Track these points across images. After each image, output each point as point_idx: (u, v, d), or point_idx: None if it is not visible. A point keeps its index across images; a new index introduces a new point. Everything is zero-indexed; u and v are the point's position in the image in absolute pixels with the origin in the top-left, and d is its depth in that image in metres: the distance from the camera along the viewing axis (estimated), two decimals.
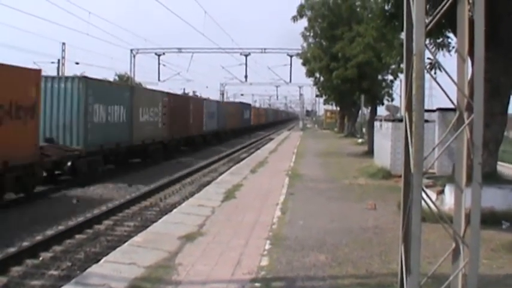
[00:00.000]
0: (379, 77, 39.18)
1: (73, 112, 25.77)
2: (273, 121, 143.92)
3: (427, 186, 13.83)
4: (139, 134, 33.90)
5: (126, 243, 11.94)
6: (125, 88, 36.22)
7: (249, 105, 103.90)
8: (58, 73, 70.22)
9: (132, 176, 28.42)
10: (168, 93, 43.48)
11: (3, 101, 18.80)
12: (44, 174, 23.65)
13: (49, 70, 47.70)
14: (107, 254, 11.48)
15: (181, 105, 45.26)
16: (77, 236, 15.48)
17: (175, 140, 42.99)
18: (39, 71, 23.41)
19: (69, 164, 25.22)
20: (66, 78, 27.20)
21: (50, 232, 15.59)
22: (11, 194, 20.26)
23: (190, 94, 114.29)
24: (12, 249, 13.51)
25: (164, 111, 39.68)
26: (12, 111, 19.35)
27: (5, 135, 18.75)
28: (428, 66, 13.20)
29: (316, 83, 55.36)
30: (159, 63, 73.22)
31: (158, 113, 38.40)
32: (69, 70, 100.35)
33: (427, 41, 12.81)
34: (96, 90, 27.55)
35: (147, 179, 27.20)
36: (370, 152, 33.90)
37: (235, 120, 75.05)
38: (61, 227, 16.19)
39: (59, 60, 71.45)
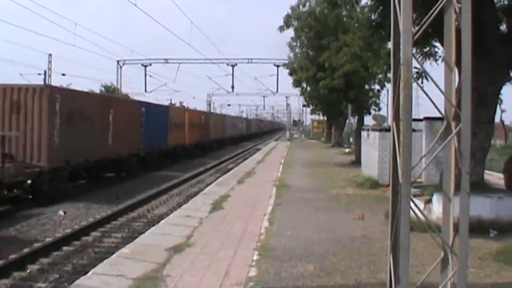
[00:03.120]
0: (366, 86, 39.35)
1: None
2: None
3: (414, 196, 13.86)
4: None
5: (114, 255, 11.88)
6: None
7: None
8: (44, 84, 70.16)
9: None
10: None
11: None
12: None
13: (35, 81, 47.34)
14: (95, 265, 11.42)
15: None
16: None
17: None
18: None
19: None
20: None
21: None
22: None
23: (177, 105, 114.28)
24: None
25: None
26: None
27: None
28: (415, 76, 13.25)
29: (303, 93, 55.53)
30: (145, 74, 73.21)
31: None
32: (56, 81, 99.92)
33: (414, 50, 12.85)
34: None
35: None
36: (357, 162, 33.95)
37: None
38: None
39: (45, 71, 71.27)
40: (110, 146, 31.33)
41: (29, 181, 22.85)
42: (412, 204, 5.85)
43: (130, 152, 35.31)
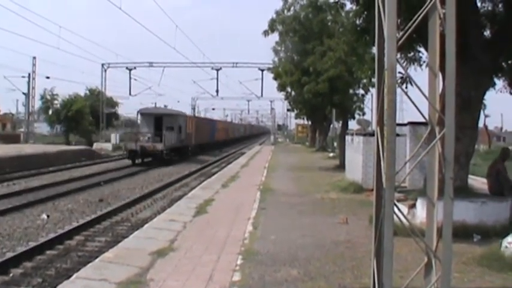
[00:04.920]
0: (351, 91, 39.49)
1: None
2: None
3: (398, 200, 13.87)
4: None
5: (97, 259, 11.81)
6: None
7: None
8: (29, 87, 69.91)
9: None
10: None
11: None
12: None
13: (19, 84, 47.15)
14: (78, 269, 11.34)
15: None
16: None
17: None
18: None
19: None
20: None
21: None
22: None
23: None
24: None
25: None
26: None
27: None
28: (399, 81, 13.31)
29: (287, 97, 55.80)
30: (130, 78, 73.33)
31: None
32: (40, 84, 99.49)
33: (399, 56, 12.89)
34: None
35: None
36: (341, 166, 33.98)
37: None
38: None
39: (29, 74, 71.07)
40: (183, 140, 58.27)
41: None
42: (395, 209, 5.85)
43: (191, 144, 63.25)
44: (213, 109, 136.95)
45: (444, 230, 5.82)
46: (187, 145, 60.55)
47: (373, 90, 29.98)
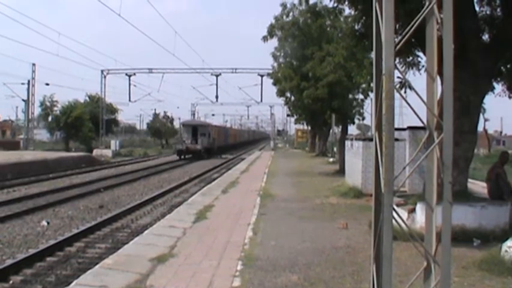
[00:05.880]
0: (350, 96, 39.55)
1: None
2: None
3: (398, 205, 13.93)
4: None
5: (98, 266, 11.80)
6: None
7: None
8: (28, 94, 69.99)
9: None
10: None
11: None
12: None
13: (19, 91, 47.28)
14: (78, 276, 11.34)
15: None
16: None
17: None
18: None
19: None
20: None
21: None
22: None
23: (162, 114, 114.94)
24: None
25: None
26: None
27: None
28: (398, 85, 13.34)
29: (287, 103, 55.81)
30: (129, 84, 73.51)
31: None
32: (40, 91, 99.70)
33: (397, 60, 12.91)
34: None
35: None
36: (341, 171, 34.02)
37: None
38: None
39: (29, 81, 71.15)
40: (211, 143, 77.56)
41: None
42: (395, 214, 5.85)
43: (215, 146, 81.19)
44: (213, 115, 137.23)
45: (443, 235, 5.81)
46: (213, 146, 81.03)
47: (372, 95, 30.04)
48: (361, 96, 40.25)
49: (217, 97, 75.61)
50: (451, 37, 5.72)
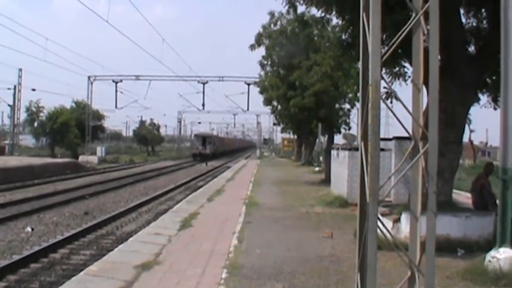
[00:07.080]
0: (336, 105, 39.70)
1: None
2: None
3: (383, 215, 13.98)
4: None
5: (82, 272, 11.75)
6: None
7: None
8: (14, 99, 69.76)
9: None
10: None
11: None
12: None
13: (5, 96, 47.09)
14: (62, 283, 11.28)
15: None
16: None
17: None
18: None
19: None
20: None
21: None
22: None
23: (148, 122, 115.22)
24: None
25: None
26: None
27: None
28: (384, 96, 13.39)
29: (273, 111, 55.83)
30: (116, 90, 73.32)
31: None
32: (26, 96, 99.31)
33: (383, 71, 12.98)
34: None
35: None
36: (327, 181, 34.02)
37: None
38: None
39: (15, 86, 70.87)
40: (215, 149, 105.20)
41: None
42: (379, 224, 5.88)
43: (217, 151, 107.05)
44: (199, 123, 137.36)
45: (427, 244, 5.85)
46: (216, 152, 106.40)
47: (359, 105, 30.16)
48: (347, 106, 40.51)
49: (203, 105, 75.55)
50: (437, 48, 5.78)
